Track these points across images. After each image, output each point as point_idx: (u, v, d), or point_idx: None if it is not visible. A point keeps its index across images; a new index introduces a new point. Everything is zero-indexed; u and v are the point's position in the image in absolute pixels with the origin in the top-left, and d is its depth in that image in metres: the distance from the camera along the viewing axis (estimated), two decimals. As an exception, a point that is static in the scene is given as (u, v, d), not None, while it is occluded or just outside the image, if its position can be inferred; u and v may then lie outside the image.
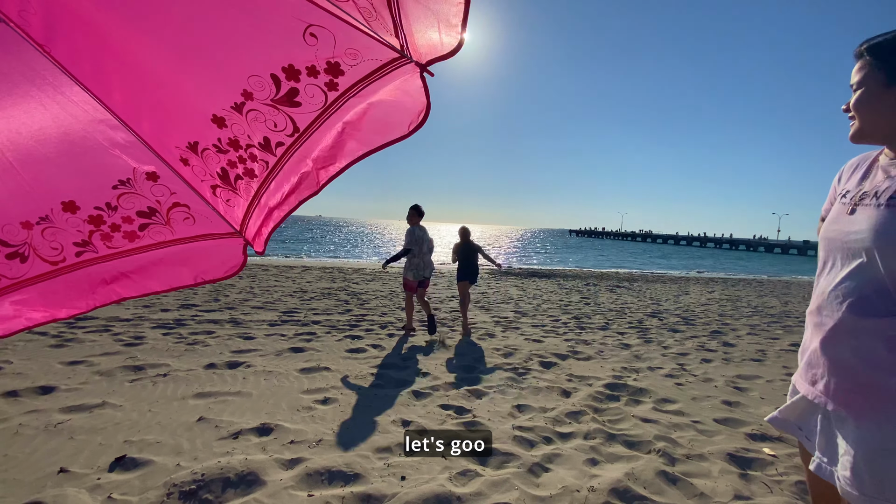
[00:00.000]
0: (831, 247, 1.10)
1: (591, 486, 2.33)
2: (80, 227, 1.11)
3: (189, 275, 1.23)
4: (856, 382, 0.98)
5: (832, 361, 1.03)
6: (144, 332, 5.30)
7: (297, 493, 2.19)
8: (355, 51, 0.88)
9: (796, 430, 1.20)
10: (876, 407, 0.95)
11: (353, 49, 0.88)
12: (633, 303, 10.24)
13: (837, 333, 1.02)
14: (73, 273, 1.15)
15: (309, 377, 3.97)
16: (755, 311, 9.78)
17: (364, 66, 0.91)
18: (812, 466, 1.10)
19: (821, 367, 1.06)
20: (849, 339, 1.00)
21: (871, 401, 0.96)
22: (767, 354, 5.67)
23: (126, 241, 1.15)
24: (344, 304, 8.02)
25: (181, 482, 2.21)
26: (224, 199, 1.13)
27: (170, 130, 1.03)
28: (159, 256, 1.19)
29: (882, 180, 1.05)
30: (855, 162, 1.24)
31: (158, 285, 1.22)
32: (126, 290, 1.20)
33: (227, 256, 1.23)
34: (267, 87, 0.93)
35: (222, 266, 1.23)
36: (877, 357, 0.95)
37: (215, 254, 1.23)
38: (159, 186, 1.11)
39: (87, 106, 0.99)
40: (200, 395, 3.42)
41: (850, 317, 0.99)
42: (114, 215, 1.11)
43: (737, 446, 2.89)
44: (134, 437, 2.71)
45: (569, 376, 4.35)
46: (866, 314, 0.97)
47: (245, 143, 1.02)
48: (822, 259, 1.16)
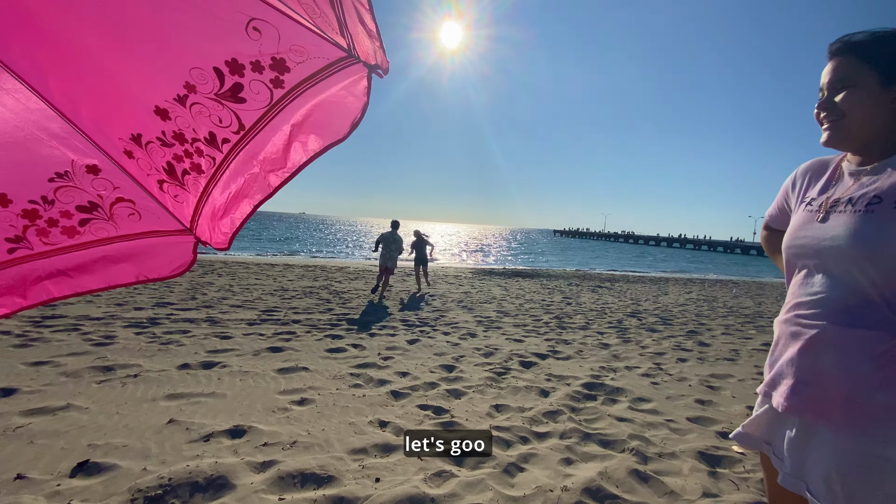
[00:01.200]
0: (804, 254, 1.07)
1: (564, 486, 2.35)
2: (12, 222, 1.05)
3: (131, 272, 1.18)
4: (837, 395, 0.95)
5: (812, 372, 0.99)
6: (116, 331, 5.15)
7: (268, 496, 2.15)
8: (301, 48, 0.87)
9: (763, 444, 1.16)
10: (856, 421, 0.92)
11: (299, 46, 0.86)
12: (614, 303, 10.38)
13: (819, 344, 0.98)
14: (5, 271, 1.09)
15: (286, 377, 3.91)
16: (730, 311, 10.01)
17: (311, 64, 0.89)
18: (780, 479, 1.06)
19: (798, 377, 1.02)
20: (832, 350, 0.96)
21: (852, 414, 0.93)
22: (740, 354, 5.81)
23: (65, 238, 1.10)
24: (325, 304, 7.93)
25: (146, 487, 2.14)
26: (172, 194, 1.09)
27: (111, 121, 0.99)
28: (101, 253, 1.14)
29: (853, 186, 1.03)
30: (809, 168, 1.21)
31: (96, 283, 1.17)
32: (59, 289, 1.15)
33: (175, 254, 1.19)
34: (210, 81, 0.90)
35: (169, 264, 1.19)
36: (861, 370, 0.92)
37: (163, 251, 1.18)
38: (101, 180, 1.06)
39: (19, 95, 0.94)
40: (172, 397, 3.33)
41: (833, 328, 0.96)
42: (50, 210, 1.06)
43: (707, 444, 2.95)
44: (99, 440, 2.62)
45: (548, 376, 4.38)
46: (851, 325, 0.94)
47: (191, 138, 0.99)
48: (792, 267, 1.12)
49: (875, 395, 0.90)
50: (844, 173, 1.09)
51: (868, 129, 1.01)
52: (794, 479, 1.03)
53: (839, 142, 1.06)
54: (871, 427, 0.90)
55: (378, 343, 5.33)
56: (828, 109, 1.05)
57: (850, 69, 1.00)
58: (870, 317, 0.93)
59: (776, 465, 1.10)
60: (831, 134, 1.05)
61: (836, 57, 1.04)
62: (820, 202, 1.09)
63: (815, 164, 1.21)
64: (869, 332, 0.92)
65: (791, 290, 1.11)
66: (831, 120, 1.04)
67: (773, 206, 1.37)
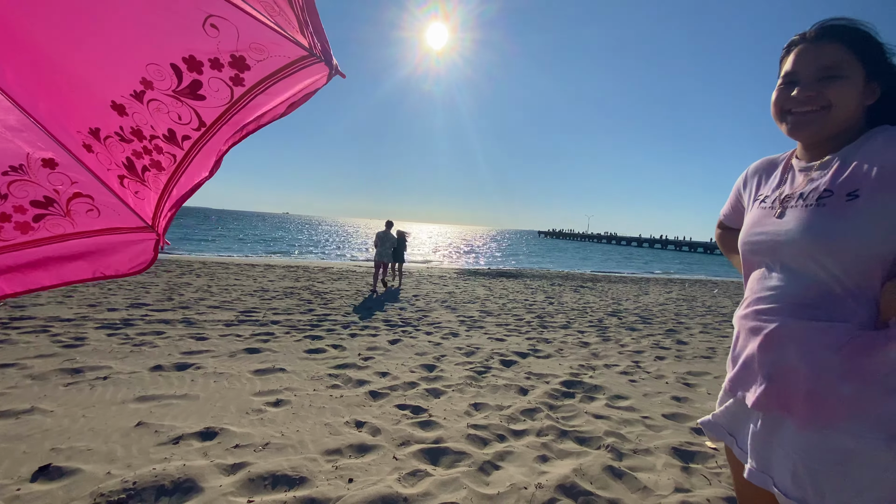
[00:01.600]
0: (761, 250, 1.06)
1: (538, 483, 2.35)
2: None
3: (87, 269, 1.14)
4: (802, 389, 0.93)
5: (775, 366, 0.97)
6: (87, 332, 5.00)
7: (237, 499, 2.10)
8: (261, 46, 0.85)
9: (726, 435, 1.15)
10: (823, 415, 0.91)
11: (258, 44, 0.85)
12: (595, 302, 10.48)
13: (781, 338, 0.97)
14: None
15: (262, 378, 3.85)
16: (709, 310, 10.20)
17: (271, 63, 0.88)
18: (746, 474, 1.05)
19: (761, 371, 1.00)
20: (795, 345, 0.94)
21: (819, 408, 0.91)
22: (717, 352, 5.91)
23: (18, 233, 1.05)
24: (306, 304, 7.83)
25: (109, 492, 2.07)
26: (133, 190, 1.06)
27: (69, 114, 0.96)
28: (57, 251, 1.10)
29: (804, 182, 1.03)
30: (759, 167, 1.22)
31: (49, 280, 1.13)
32: (10, 286, 1.10)
33: (134, 252, 1.15)
34: (168, 77, 0.88)
35: (129, 262, 1.16)
36: (826, 363, 0.90)
37: (122, 249, 1.15)
38: (58, 174, 1.03)
39: None
40: (142, 399, 3.24)
41: (794, 322, 0.95)
42: (3, 204, 1.02)
43: (682, 440, 2.99)
44: (62, 444, 2.54)
45: (527, 374, 4.39)
46: (813, 318, 0.93)
47: (149, 134, 0.96)
48: (749, 263, 1.12)
49: (841, 388, 0.89)
50: (795, 169, 1.09)
51: (844, 123, 0.98)
52: (759, 474, 1.02)
53: (816, 132, 1.00)
54: (837, 420, 0.89)
55: (359, 344, 5.29)
56: (817, 96, 0.97)
57: (842, 58, 0.95)
58: (832, 309, 0.92)
59: (739, 457, 1.09)
60: (812, 123, 0.99)
61: (827, 43, 0.96)
62: (773, 198, 1.09)
63: (765, 162, 1.21)
64: (831, 325, 0.91)
65: (749, 285, 1.10)
66: (816, 108, 0.98)
67: (726, 206, 1.38)
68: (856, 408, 0.88)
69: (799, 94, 0.98)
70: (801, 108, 0.99)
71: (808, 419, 0.92)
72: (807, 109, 0.98)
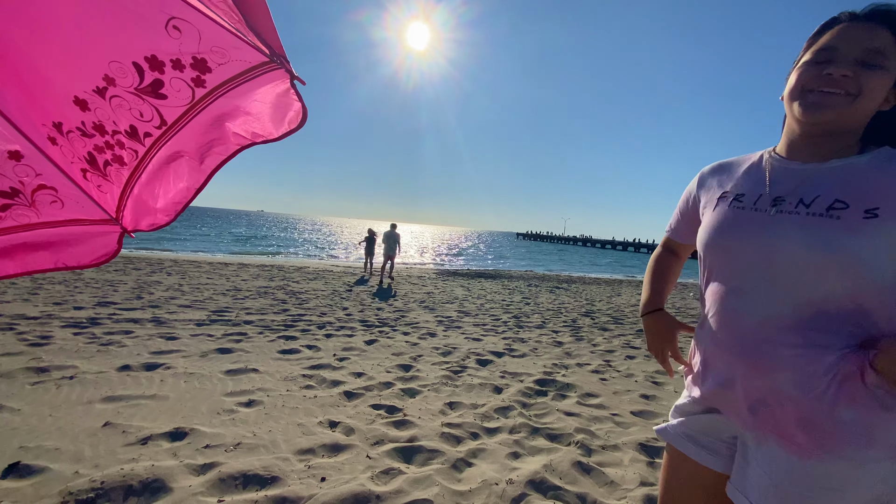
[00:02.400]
0: (741, 255, 0.93)
1: (509, 479, 2.41)
2: None
3: (49, 259, 1.15)
4: (798, 416, 0.85)
5: (770, 392, 0.88)
6: (53, 331, 4.83)
7: (207, 499, 2.09)
8: (222, 49, 0.88)
9: (686, 443, 1.08)
10: (823, 443, 0.84)
11: (220, 48, 0.88)
12: (570, 303, 10.69)
13: (772, 361, 0.87)
14: None
15: (234, 379, 3.80)
16: (678, 311, 10.53)
17: (232, 66, 0.91)
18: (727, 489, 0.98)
19: (756, 396, 0.91)
20: (789, 369, 0.85)
21: (818, 436, 0.84)
22: (685, 352, 6.12)
23: None
24: (280, 304, 7.74)
25: (77, 490, 2.03)
26: (95, 184, 1.08)
27: (35, 107, 0.96)
28: (21, 239, 1.11)
29: (800, 183, 0.91)
30: (718, 167, 1.12)
31: (13, 268, 1.13)
32: None
33: (98, 244, 1.17)
34: (129, 75, 0.91)
35: (92, 253, 1.17)
36: (822, 388, 0.83)
37: (85, 240, 1.16)
38: (23, 166, 1.03)
39: None
40: (109, 399, 3.17)
41: (786, 344, 0.86)
42: None
43: (648, 436, 3.10)
44: (30, 443, 2.46)
45: (502, 373, 4.47)
46: (808, 340, 0.84)
47: (111, 129, 0.99)
48: (719, 269, 0.99)
49: (841, 414, 0.82)
50: (777, 167, 0.98)
51: (860, 119, 0.88)
52: (734, 490, 0.95)
53: (835, 119, 0.88)
54: (839, 448, 0.83)
55: (334, 344, 5.27)
56: (852, 80, 0.85)
57: (888, 47, 0.84)
58: (827, 330, 0.84)
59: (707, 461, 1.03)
60: (834, 107, 0.87)
61: (879, 26, 0.85)
62: (755, 198, 0.96)
63: (722, 163, 1.12)
64: (828, 349, 0.83)
65: (716, 296, 0.98)
66: (843, 92, 0.86)
67: (673, 218, 1.27)
68: (858, 434, 0.82)
69: (835, 72, 0.86)
70: (827, 88, 0.87)
71: (806, 447, 0.86)
72: (834, 90, 0.86)
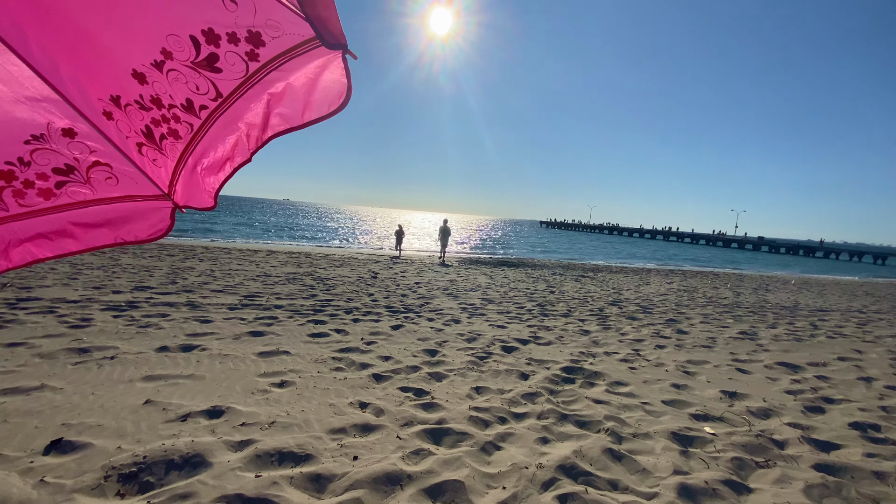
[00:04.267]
0: None
1: (539, 464, 2.40)
2: None
3: (109, 235, 1.18)
4: None
5: None
6: (93, 314, 5.06)
7: (245, 474, 2.16)
8: (277, 23, 0.87)
9: None
10: None
11: (275, 21, 0.87)
12: (596, 292, 10.52)
13: None
14: None
15: (267, 360, 3.90)
16: (709, 301, 10.23)
17: (285, 40, 0.90)
18: None
19: None
20: None
21: None
22: (717, 341, 5.95)
23: (41, 200, 1.09)
24: (309, 290, 7.88)
25: (120, 465, 2.13)
26: (150, 158, 1.09)
27: (91, 81, 0.98)
28: (79, 217, 1.14)
29: None
30: None
31: (76, 245, 1.17)
32: (41, 251, 1.14)
33: (153, 219, 1.19)
34: (186, 49, 0.91)
35: (148, 228, 1.19)
36: None
37: (141, 215, 1.18)
38: (77, 143, 1.05)
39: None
40: (149, 378, 3.30)
41: None
42: (27, 171, 1.05)
43: (680, 425, 3.03)
44: (73, 420, 2.59)
45: (528, 360, 4.44)
46: None
47: (168, 103, 0.99)
48: None
49: None
50: None
51: None
52: None
53: None
54: None
55: (361, 329, 5.33)
56: None
57: None
58: None
59: None
60: None
61: None
62: None
63: None
64: None
65: None
66: None
67: None
68: None
69: None
70: None
71: None
72: None
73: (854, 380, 4.48)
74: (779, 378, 4.40)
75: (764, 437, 2.91)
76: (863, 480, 2.48)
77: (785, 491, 2.33)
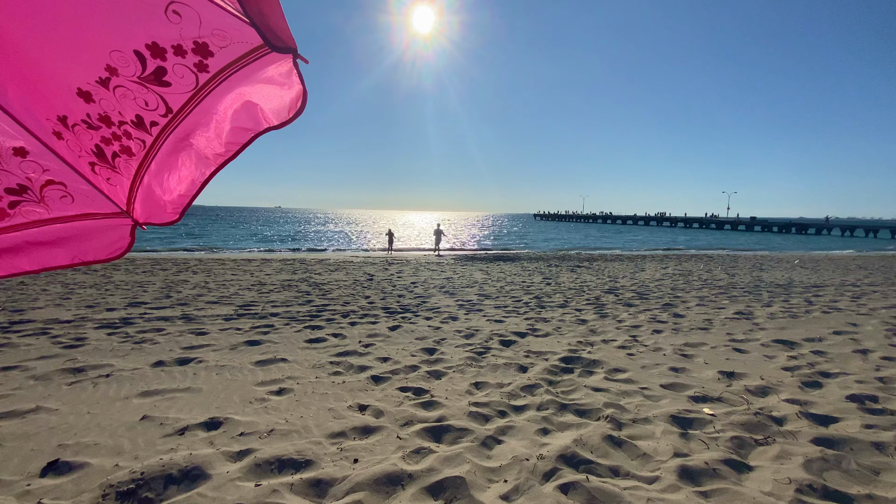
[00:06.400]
0: None
1: (540, 455, 2.40)
2: None
3: (66, 255, 1.16)
4: None
5: None
6: (87, 333, 5.01)
7: (244, 483, 2.14)
8: (223, 32, 0.86)
9: None
10: None
11: (221, 30, 0.86)
12: (592, 281, 10.55)
13: None
14: None
15: (264, 369, 3.88)
16: (705, 283, 10.28)
17: (234, 49, 0.89)
18: None
19: None
20: None
21: None
22: (713, 323, 5.98)
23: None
24: (305, 295, 7.85)
25: (118, 482, 2.11)
26: (104, 177, 1.07)
27: (38, 102, 0.96)
28: (34, 236, 1.12)
29: None
30: None
31: (29, 265, 1.14)
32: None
33: (112, 237, 1.17)
34: (132, 64, 0.89)
35: (107, 247, 1.18)
36: None
37: (98, 234, 1.17)
38: (29, 162, 1.03)
39: None
40: (146, 394, 3.27)
41: None
42: None
43: (679, 408, 3.04)
44: (69, 440, 2.57)
45: (527, 353, 4.44)
46: None
47: (117, 120, 0.98)
48: None
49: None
50: None
51: None
52: None
53: None
54: None
55: (359, 331, 5.32)
56: None
57: None
58: None
59: None
60: None
61: None
62: None
63: None
64: None
65: None
66: None
67: None
68: None
69: None
70: None
71: None
72: None
73: (850, 353, 4.51)
74: (776, 355, 4.42)
75: (763, 415, 2.92)
76: (862, 452, 2.49)
77: (785, 467, 2.34)
